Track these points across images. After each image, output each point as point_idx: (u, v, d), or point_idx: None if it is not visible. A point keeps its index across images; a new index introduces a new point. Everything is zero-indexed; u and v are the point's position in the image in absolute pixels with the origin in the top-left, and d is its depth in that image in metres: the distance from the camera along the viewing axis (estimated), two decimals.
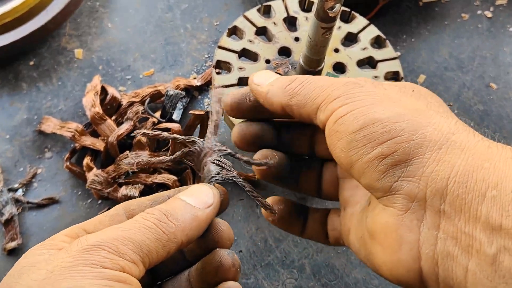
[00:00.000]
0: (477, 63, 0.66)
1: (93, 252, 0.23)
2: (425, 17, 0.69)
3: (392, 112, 0.25)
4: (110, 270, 0.23)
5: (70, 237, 0.26)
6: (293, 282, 0.51)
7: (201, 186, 0.29)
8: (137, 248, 0.24)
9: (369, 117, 0.26)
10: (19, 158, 0.56)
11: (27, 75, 0.61)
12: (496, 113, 0.62)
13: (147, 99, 0.57)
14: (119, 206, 0.29)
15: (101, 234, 0.24)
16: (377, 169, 0.25)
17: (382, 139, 0.25)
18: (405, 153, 0.24)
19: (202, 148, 0.31)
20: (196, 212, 0.27)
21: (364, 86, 0.28)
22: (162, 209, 0.26)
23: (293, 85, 0.30)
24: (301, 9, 0.58)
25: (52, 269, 0.23)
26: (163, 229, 0.25)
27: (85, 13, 0.67)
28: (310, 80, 0.29)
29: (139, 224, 0.25)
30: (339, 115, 0.26)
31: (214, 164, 0.31)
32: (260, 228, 0.53)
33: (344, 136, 0.26)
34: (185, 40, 0.65)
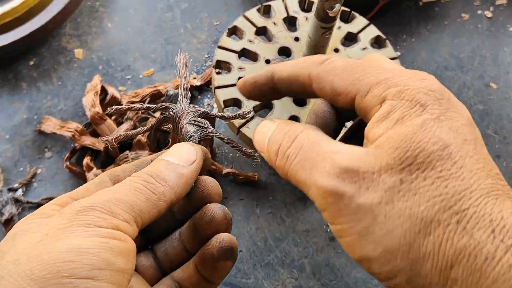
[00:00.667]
0: (477, 62, 0.66)
1: (87, 213, 0.23)
2: (425, 17, 0.69)
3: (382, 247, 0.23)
4: (105, 228, 0.23)
5: (59, 205, 0.26)
6: (293, 281, 0.51)
7: (182, 145, 0.29)
8: (129, 208, 0.24)
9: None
10: (19, 158, 0.56)
11: (27, 75, 0.61)
12: (496, 113, 0.62)
13: (147, 99, 0.58)
14: (104, 174, 0.30)
15: (93, 197, 0.25)
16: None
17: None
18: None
19: (176, 112, 0.31)
20: (180, 169, 0.27)
21: (345, 198, 0.23)
22: (148, 171, 0.27)
23: (280, 163, 0.26)
24: (301, 9, 0.58)
25: (47, 232, 0.23)
26: (152, 189, 0.26)
27: (85, 13, 0.67)
28: (295, 156, 0.26)
29: (128, 187, 0.25)
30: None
31: (191, 125, 0.31)
32: (260, 228, 0.53)
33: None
34: (185, 40, 0.65)
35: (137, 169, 0.30)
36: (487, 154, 0.24)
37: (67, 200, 0.27)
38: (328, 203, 0.23)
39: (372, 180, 0.23)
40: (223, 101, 0.51)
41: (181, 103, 0.32)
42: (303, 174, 0.25)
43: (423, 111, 0.23)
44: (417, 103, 0.23)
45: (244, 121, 0.50)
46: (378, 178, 0.23)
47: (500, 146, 0.60)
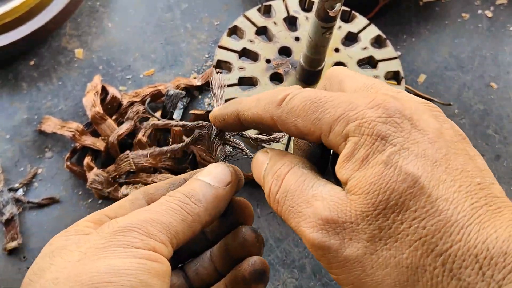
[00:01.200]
0: (477, 62, 0.66)
1: (124, 233, 0.24)
2: (425, 17, 0.69)
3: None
4: (142, 249, 0.23)
5: (93, 223, 0.26)
6: (294, 281, 0.51)
7: (218, 165, 0.29)
8: (165, 229, 0.25)
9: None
10: (19, 158, 0.56)
11: (27, 75, 0.61)
12: (496, 112, 0.62)
13: (147, 98, 0.57)
14: (138, 191, 0.30)
15: (130, 216, 0.25)
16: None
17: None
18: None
19: (211, 131, 0.31)
20: (216, 190, 0.27)
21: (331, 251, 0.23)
22: (184, 191, 0.27)
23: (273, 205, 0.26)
24: (302, 8, 0.58)
25: (85, 251, 0.23)
26: (187, 210, 0.26)
27: (85, 13, 0.67)
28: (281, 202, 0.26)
29: (165, 207, 0.26)
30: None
31: (226, 145, 0.31)
32: (260, 228, 0.53)
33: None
34: (185, 40, 0.65)
35: (171, 188, 0.30)
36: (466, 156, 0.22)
37: (101, 217, 0.27)
38: (319, 255, 0.23)
39: (353, 230, 0.22)
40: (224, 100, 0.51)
41: None
42: (293, 222, 0.25)
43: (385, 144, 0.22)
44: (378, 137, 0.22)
45: None
46: (357, 227, 0.22)
47: (500, 146, 0.60)
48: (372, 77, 0.27)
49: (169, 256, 0.25)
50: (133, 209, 0.28)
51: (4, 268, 0.51)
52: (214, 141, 0.31)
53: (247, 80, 0.53)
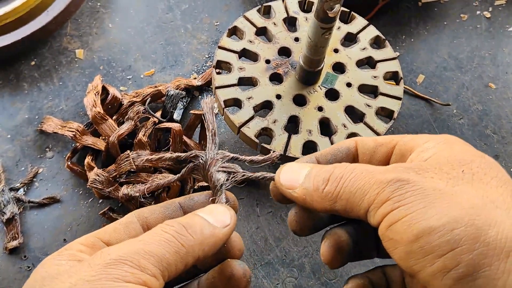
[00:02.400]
0: (476, 63, 0.66)
1: (116, 266, 0.24)
2: (424, 18, 0.69)
3: (447, 217, 0.23)
4: (133, 284, 0.23)
5: (86, 246, 0.26)
6: (293, 280, 0.51)
7: (219, 206, 0.29)
8: (158, 262, 0.24)
9: (423, 225, 0.23)
10: (20, 158, 0.56)
11: (28, 75, 0.62)
12: (495, 113, 0.62)
13: (148, 99, 0.58)
14: (132, 214, 0.30)
15: (123, 247, 0.25)
16: (442, 283, 0.23)
17: (441, 251, 0.23)
18: (470, 265, 0.22)
19: (205, 160, 0.31)
20: (214, 229, 0.27)
21: (410, 181, 0.25)
22: (182, 221, 0.27)
23: (330, 188, 0.27)
24: (301, 9, 0.58)
25: (76, 282, 0.23)
26: (182, 241, 0.26)
27: (86, 13, 0.67)
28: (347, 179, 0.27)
29: (159, 237, 0.25)
30: (391, 222, 0.25)
31: (221, 172, 0.31)
32: (260, 227, 0.54)
33: (399, 246, 0.24)
34: (186, 41, 0.66)
35: (165, 211, 0.30)
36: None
37: (95, 241, 0.27)
38: (391, 190, 0.25)
39: (436, 172, 0.25)
40: (224, 100, 0.51)
41: (209, 150, 0.32)
42: (360, 182, 0.26)
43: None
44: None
45: (244, 121, 0.51)
46: (439, 171, 0.25)
47: (499, 146, 0.60)
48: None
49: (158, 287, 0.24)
50: (127, 233, 0.28)
51: (5, 268, 0.51)
52: (208, 170, 0.31)
53: (247, 80, 0.54)
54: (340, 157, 0.31)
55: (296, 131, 0.51)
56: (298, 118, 0.51)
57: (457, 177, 0.25)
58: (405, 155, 0.29)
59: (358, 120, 0.53)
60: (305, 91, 0.53)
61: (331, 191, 0.27)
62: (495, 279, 0.22)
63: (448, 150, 0.27)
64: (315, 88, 0.53)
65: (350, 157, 0.31)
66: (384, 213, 0.25)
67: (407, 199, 0.24)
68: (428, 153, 0.27)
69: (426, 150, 0.27)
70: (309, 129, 0.51)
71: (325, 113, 0.52)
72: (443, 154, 0.26)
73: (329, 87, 0.54)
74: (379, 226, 0.25)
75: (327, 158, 0.31)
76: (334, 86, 0.54)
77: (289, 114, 0.51)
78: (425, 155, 0.27)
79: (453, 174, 0.25)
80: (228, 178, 0.31)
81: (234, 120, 0.50)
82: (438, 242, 0.23)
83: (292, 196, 0.29)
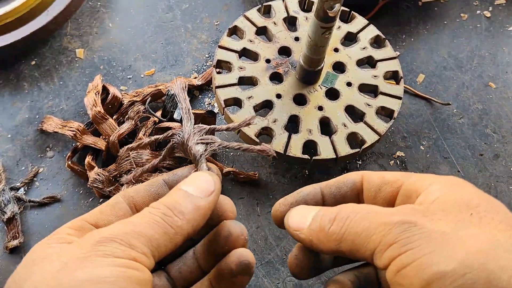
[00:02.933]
0: (476, 62, 0.66)
1: (106, 244, 0.24)
2: (424, 17, 0.69)
3: (457, 262, 0.23)
4: (123, 259, 0.23)
5: (74, 229, 0.27)
6: (293, 280, 0.51)
7: (201, 174, 0.29)
8: (147, 242, 0.25)
9: (434, 270, 0.23)
10: (20, 157, 0.56)
11: (28, 75, 0.62)
12: (495, 112, 0.62)
13: (148, 98, 0.58)
14: (117, 195, 0.30)
15: (113, 227, 0.25)
16: None
17: None
18: None
19: (182, 137, 0.32)
20: (198, 201, 0.27)
21: (417, 224, 0.25)
22: (167, 203, 0.27)
23: (335, 228, 0.27)
24: (301, 9, 0.58)
25: (66, 261, 0.23)
26: (170, 223, 0.26)
27: (86, 13, 0.67)
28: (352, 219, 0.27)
29: (148, 219, 0.26)
30: (399, 267, 0.24)
31: (199, 144, 0.32)
32: (260, 227, 0.54)
33: None
34: (186, 40, 0.66)
35: (150, 189, 0.30)
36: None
37: (82, 224, 0.27)
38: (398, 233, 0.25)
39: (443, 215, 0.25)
40: (224, 100, 0.51)
41: (185, 127, 0.32)
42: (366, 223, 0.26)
43: None
44: None
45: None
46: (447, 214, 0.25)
47: (499, 146, 0.60)
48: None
49: (150, 267, 0.25)
50: (113, 213, 0.28)
51: (5, 267, 0.51)
52: (187, 145, 0.31)
53: (247, 80, 0.54)
54: (344, 190, 0.31)
55: (296, 131, 0.51)
56: (298, 117, 0.51)
57: (464, 220, 0.25)
58: (411, 196, 0.28)
59: (358, 119, 0.53)
60: (305, 90, 0.53)
61: (336, 231, 0.27)
62: None
63: (455, 192, 0.27)
64: (315, 87, 0.54)
65: (354, 192, 0.31)
66: (391, 257, 0.25)
67: (415, 242, 0.24)
68: (435, 195, 0.27)
69: (433, 193, 0.27)
70: (309, 129, 0.51)
71: (325, 113, 0.52)
72: (450, 197, 0.26)
73: (329, 87, 0.54)
74: (387, 270, 0.25)
75: (331, 190, 0.31)
76: (334, 86, 0.54)
77: (289, 114, 0.51)
78: (431, 197, 0.27)
79: (460, 217, 0.25)
80: (207, 148, 0.31)
81: (234, 119, 0.50)
82: (451, 287, 0.23)
83: (299, 238, 0.29)
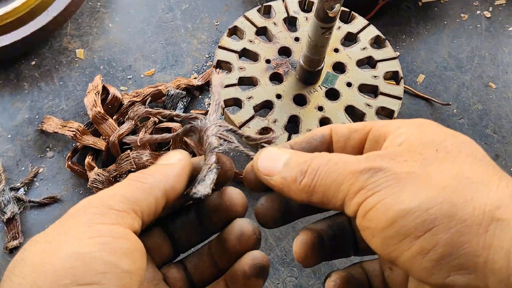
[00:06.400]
0: (476, 62, 0.66)
1: (85, 210, 0.24)
2: (424, 17, 0.69)
3: (421, 198, 0.23)
4: (105, 225, 0.23)
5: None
6: (294, 280, 0.51)
7: (173, 151, 0.30)
8: (123, 198, 0.25)
9: (397, 209, 0.23)
10: (20, 158, 0.56)
11: (28, 75, 0.62)
12: (495, 112, 0.62)
13: (148, 98, 0.58)
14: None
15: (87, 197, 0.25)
16: (422, 266, 0.22)
17: (417, 232, 0.22)
18: (448, 244, 0.22)
19: (204, 124, 0.31)
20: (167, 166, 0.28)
21: (383, 168, 0.24)
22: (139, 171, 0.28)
23: (306, 180, 0.27)
24: (301, 9, 0.58)
25: (50, 239, 0.23)
26: (141, 180, 0.26)
27: (86, 13, 0.67)
28: (322, 171, 0.26)
29: (119, 184, 0.26)
30: (366, 210, 0.24)
31: (216, 137, 0.31)
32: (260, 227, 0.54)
33: (376, 233, 0.24)
34: (186, 40, 0.66)
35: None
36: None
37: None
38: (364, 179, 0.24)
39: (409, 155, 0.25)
40: (224, 100, 0.51)
41: (210, 116, 0.32)
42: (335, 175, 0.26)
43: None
44: None
45: (244, 121, 0.51)
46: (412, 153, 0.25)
47: (499, 146, 0.60)
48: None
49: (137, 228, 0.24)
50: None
51: (5, 267, 0.51)
52: (205, 133, 0.31)
53: (247, 80, 0.54)
54: (314, 145, 0.31)
55: (296, 131, 0.51)
56: (298, 117, 0.51)
57: (430, 157, 0.25)
58: (379, 141, 0.28)
59: (358, 119, 0.53)
60: (305, 90, 0.53)
61: (308, 184, 0.27)
62: (476, 256, 0.21)
63: (421, 132, 0.26)
64: (315, 87, 0.54)
65: (325, 145, 0.31)
66: (358, 202, 0.25)
67: (380, 185, 0.24)
68: (401, 137, 0.26)
69: (399, 136, 0.27)
70: (310, 129, 0.51)
71: (325, 113, 0.52)
72: (416, 137, 0.26)
73: (329, 87, 0.54)
74: (356, 217, 0.25)
75: (301, 146, 0.31)
76: (334, 86, 0.54)
77: (289, 114, 0.51)
78: (398, 140, 0.26)
79: (426, 155, 0.25)
80: (222, 144, 0.31)
81: (235, 120, 0.50)
82: (414, 224, 0.22)
83: (269, 183, 0.29)
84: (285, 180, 0.27)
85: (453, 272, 0.22)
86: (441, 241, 0.22)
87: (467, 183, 0.23)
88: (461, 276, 0.22)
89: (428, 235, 0.22)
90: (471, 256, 0.21)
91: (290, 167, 0.28)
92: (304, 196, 0.27)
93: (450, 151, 0.25)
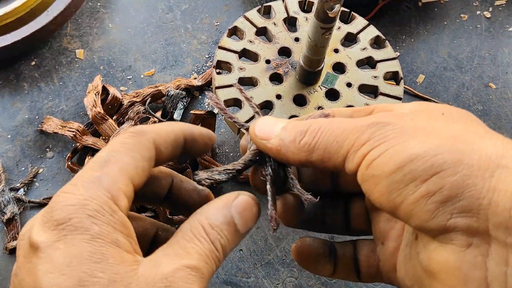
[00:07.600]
0: (476, 63, 0.66)
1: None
2: (424, 18, 0.69)
3: (430, 144, 0.23)
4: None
5: None
6: (293, 280, 0.51)
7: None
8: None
9: (406, 154, 0.23)
10: (20, 158, 0.56)
11: (28, 75, 0.62)
12: (495, 113, 0.62)
13: (148, 99, 0.58)
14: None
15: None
16: (425, 208, 0.23)
17: (425, 176, 0.23)
18: (454, 186, 0.22)
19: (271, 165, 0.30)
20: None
21: (391, 123, 0.25)
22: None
23: (307, 139, 0.26)
24: (301, 9, 0.58)
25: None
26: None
27: (86, 13, 0.67)
28: (325, 129, 0.26)
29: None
30: (372, 159, 0.24)
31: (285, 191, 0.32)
32: (260, 227, 0.54)
33: (381, 180, 0.24)
34: (186, 41, 0.66)
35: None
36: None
37: None
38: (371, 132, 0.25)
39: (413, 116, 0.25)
40: (224, 101, 0.51)
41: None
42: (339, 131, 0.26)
43: None
44: None
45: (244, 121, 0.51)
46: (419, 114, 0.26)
47: None
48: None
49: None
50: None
51: (5, 268, 0.51)
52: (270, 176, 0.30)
53: (247, 81, 0.54)
54: None
55: None
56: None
57: (437, 118, 0.26)
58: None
59: None
60: (305, 91, 0.53)
61: (308, 142, 0.26)
62: (479, 198, 0.22)
63: (426, 105, 0.27)
64: (315, 88, 0.54)
65: None
66: (363, 153, 0.24)
67: (388, 136, 0.24)
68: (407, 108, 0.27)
69: (404, 107, 0.27)
70: None
71: None
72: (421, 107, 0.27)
73: (329, 87, 0.54)
74: (359, 168, 0.25)
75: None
76: (334, 86, 0.54)
77: (289, 114, 0.51)
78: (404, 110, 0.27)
79: (432, 116, 0.26)
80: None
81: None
82: (422, 167, 0.23)
83: (266, 147, 0.28)
84: (282, 142, 0.27)
85: (456, 214, 0.22)
86: (448, 183, 0.22)
87: (474, 135, 0.24)
88: (462, 218, 0.22)
89: (435, 178, 0.23)
90: (475, 198, 0.22)
91: (288, 129, 0.28)
92: (302, 155, 0.26)
93: (454, 116, 0.26)
